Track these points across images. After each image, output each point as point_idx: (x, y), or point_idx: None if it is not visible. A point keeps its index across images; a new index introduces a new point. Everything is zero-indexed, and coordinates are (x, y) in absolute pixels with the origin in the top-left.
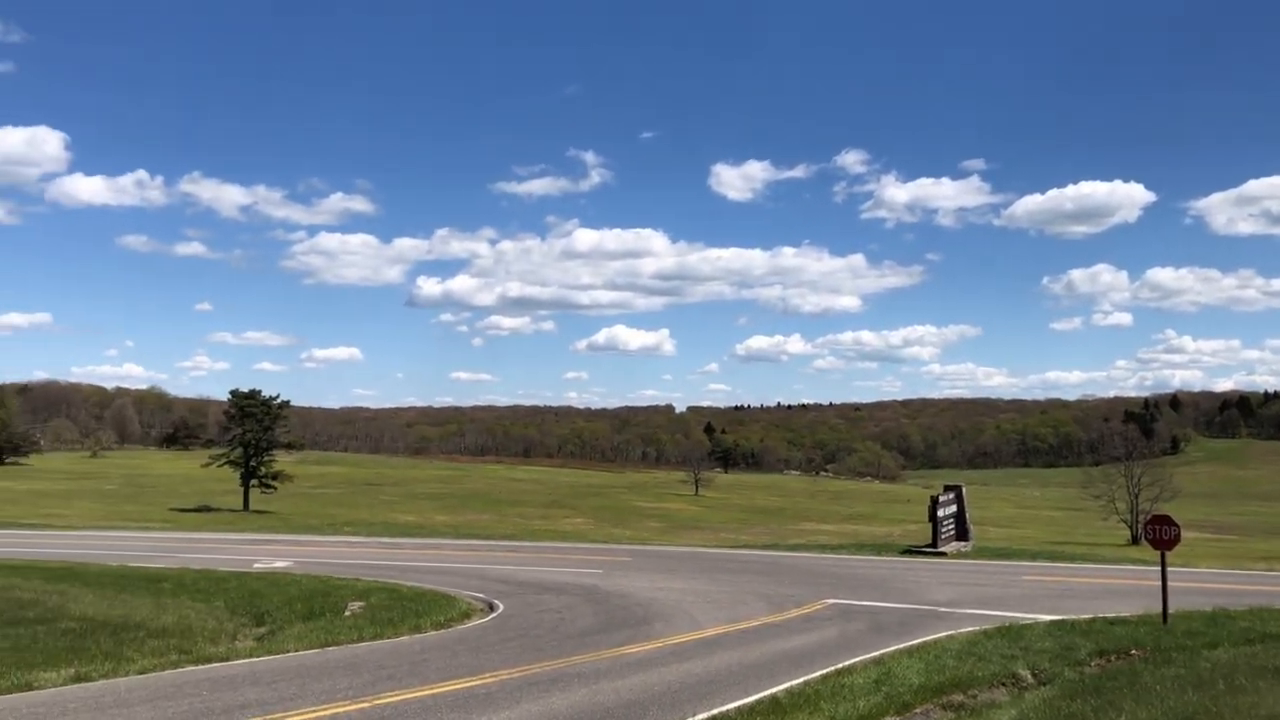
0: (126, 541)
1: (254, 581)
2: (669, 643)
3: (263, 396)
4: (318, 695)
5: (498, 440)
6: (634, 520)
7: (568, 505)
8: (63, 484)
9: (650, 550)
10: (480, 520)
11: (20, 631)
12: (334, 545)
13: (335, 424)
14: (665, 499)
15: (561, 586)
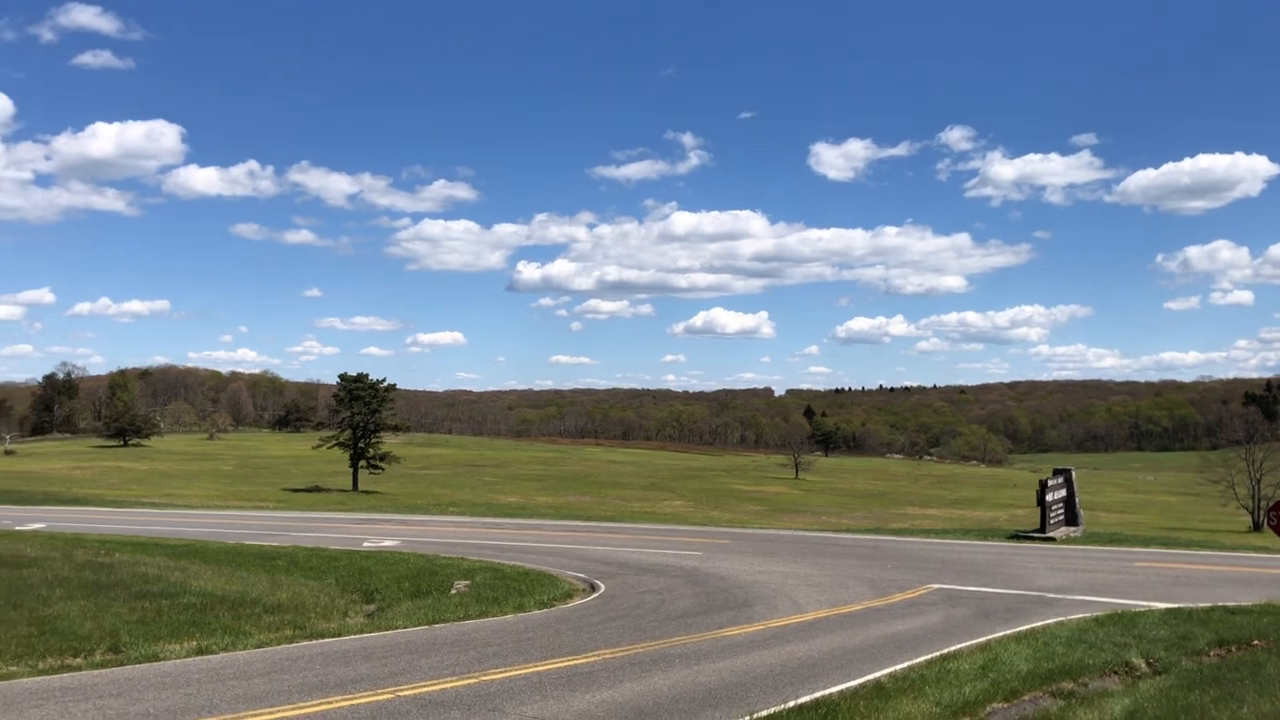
0: (242, 520)
1: (363, 560)
2: (770, 625)
3: (370, 380)
4: (426, 671)
5: (596, 423)
6: (732, 503)
7: (666, 488)
8: (182, 465)
9: (749, 533)
10: (580, 502)
11: (146, 605)
12: (439, 525)
13: (439, 406)
14: (764, 482)
15: (661, 568)
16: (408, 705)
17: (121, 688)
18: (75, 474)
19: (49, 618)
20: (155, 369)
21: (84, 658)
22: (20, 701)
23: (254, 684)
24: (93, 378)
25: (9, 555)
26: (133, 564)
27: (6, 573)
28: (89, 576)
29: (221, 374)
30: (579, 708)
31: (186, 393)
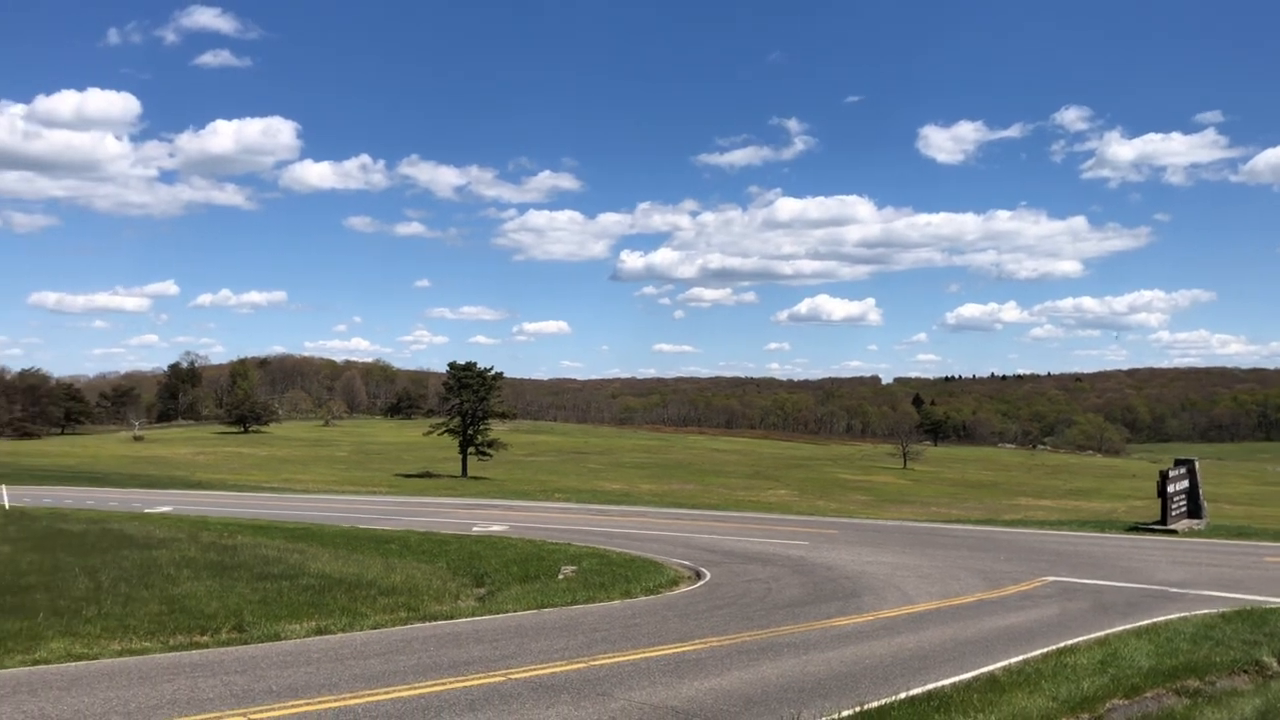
0: (356, 505)
1: (473, 544)
2: (879, 616)
3: (478, 368)
4: (536, 654)
5: (700, 411)
6: (839, 493)
7: (771, 477)
8: (299, 451)
9: (857, 523)
10: (684, 490)
11: (267, 586)
12: (545, 511)
13: (544, 395)
14: (872, 472)
15: (767, 557)
16: (519, 688)
17: (246, 665)
18: (199, 459)
19: (178, 597)
20: (273, 358)
21: (211, 635)
22: (154, 676)
23: (370, 664)
24: (214, 366)
25: (140, 537)
26: (254, 546)
27: (138, 553)
28: (214, 558)
29: (336, 363)
30: (687, 694)
31: (303, 381)
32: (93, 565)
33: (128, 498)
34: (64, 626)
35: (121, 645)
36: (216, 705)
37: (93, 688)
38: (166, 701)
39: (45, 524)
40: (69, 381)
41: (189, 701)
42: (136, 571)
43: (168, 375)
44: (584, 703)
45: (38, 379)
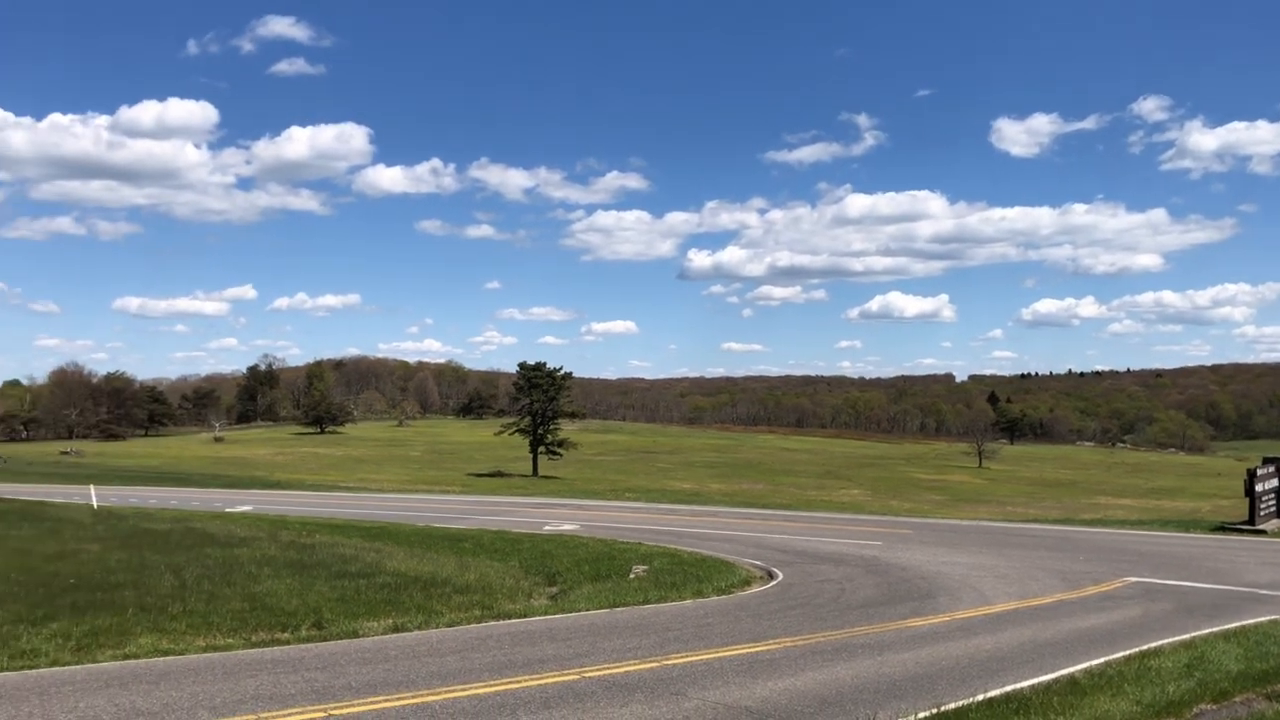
0: (430, 504)
1: (545, 543)
2: (955, 617)
3: (547, 368)
4: (609, 653)
5: (770, 410)
6: (912, 492)
7: (843, 476)
8: (373, 451)
9: (931, 523)
10: (754, 489)
11: (345, 584)
12: (616, 510)
13: (613, 394)
14: (946, 471)
15: (840, 557)
16: (593, 686)
17: (326, 661)
18: (277, 459)
19: (259, 594)
20: (348, 360)
21: (291, 632)
22: (237, 671)
23: (446, 661)
24: (291, 368)
25: (222, 535)
26: (332, 545)
27: (220, 552)
28: (293, 556)
29: (409, 364)
30: (761, 694)
31: (377, 382)
32: (177, 563)
33: (209, 497)
34: (151, 623)
35: (206, 641)
36: (298, 701)
37: (180, 682)
38: (250, 697)
39: (132, 523)
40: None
41: (271, 697)
42: (219, 569)
43: (246, 377)
44: (658, 702)
45: (123, 382)
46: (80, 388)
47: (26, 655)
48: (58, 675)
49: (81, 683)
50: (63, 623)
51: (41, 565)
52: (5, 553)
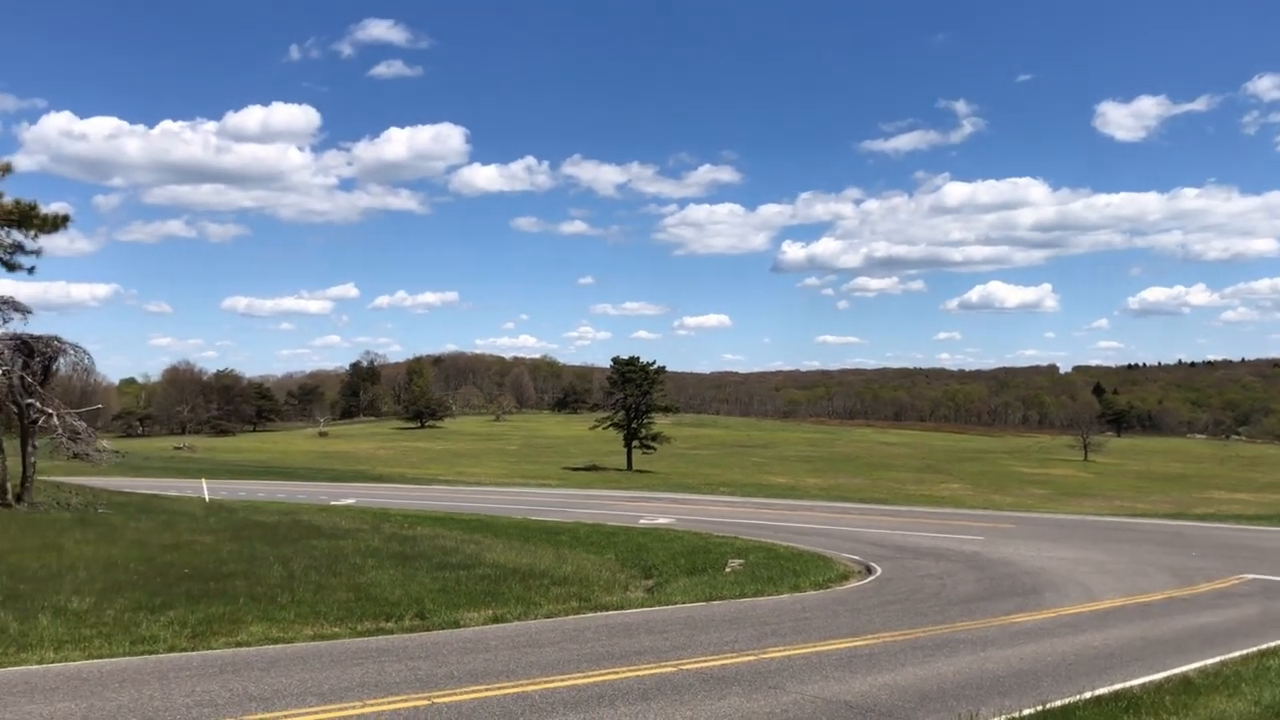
0: (527, 497)
1: (640, 536)
2: (1061, 613)
3: (641, 362)
4: (706, 646)
5: (866, 403)
6: (1015, 486)
7: (942, 470)
8: (472, 445)
9: (1034, 517)
10: (851, 484)
11: (446, 575)
12: (710, 504)
13: (707, 388)
14: (1049, 464)
15: (940, 552)
16: (690, 679)
17: (429, 651)
18: (379, 453)
19: (363, 585)
20: (446, 355)
21: (395, 622)
22: (343, 660)
23: (545, 652)
24: (392, 365)
25: (327, 528)
26: (433, 537)
27: (326, 543)
28: (396, 548)
29: (505, 359)
30: (860, 689)
31: (474, 377)
32: (285, 554)
33: (315, 491)
34: (262, 612)
35: (313, 630)
36: (402, 689)
37: (289, 669)
38: (356, 684)
39: (242, 515)
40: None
41: (376, 685)
42: (325, 560)
43: (349, 374)
44: (755, 695)
45: (231, 379)
46: (192, 385)
47: (146, 641)
48: (175, 660)
49: (197, 668)
50: (179, 611)
51: (158, 555)
52: (125, 544)
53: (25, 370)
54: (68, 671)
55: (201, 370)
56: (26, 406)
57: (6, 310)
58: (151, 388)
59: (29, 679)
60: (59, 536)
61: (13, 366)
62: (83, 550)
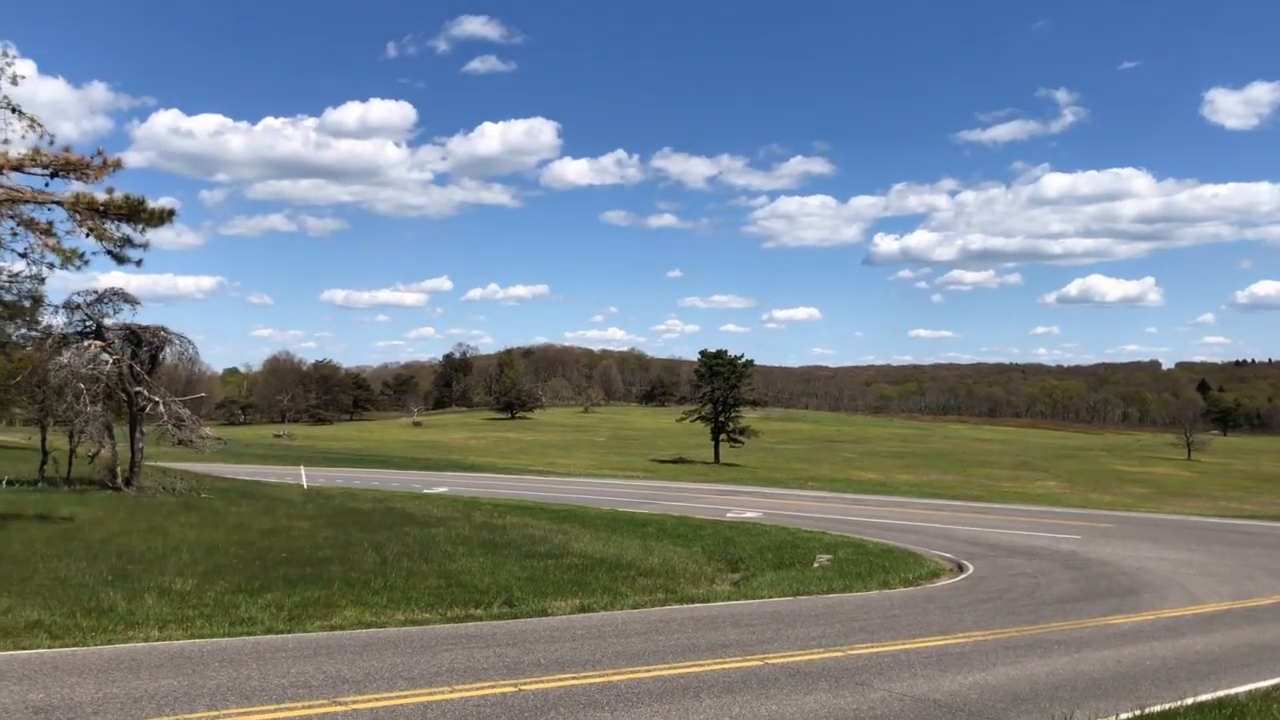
0: (614, 488)
1: (727, 530)
2: (1160, 616)
3: (729, 356)
4: (792, 641)
5: (960, 399)
6: (1114, 485)
7: (1038, 467)
8: (561, 436)
9: (1134, 517)
10: (943, 480)
11: (535, 564)
12: (798, 499)
13: (796, 382)
14: (1150, 463)
15: (1034, 551)
16: (776, 673)
17: (516, 638)
18: (470, 443)
19: (454, 572)
20: (536, 348)
21: (483, 609)
22: (434, 645)
23: (631, 642)
24: (484, 357)
25: (420, 515)
26: (522, 526)
27: (419, 530)
28: (485, 536)
29: (594, 351)
30: (950, 688)
31: (564, 369)
32: (379, 541)
33: (408, 479)
34: (355, 596)
35: (405, 615)
36: (490, 675)
37: (381, 654)
38: (445, 669)
39: (338, 502)
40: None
41: (465, 670)
42: (417, 547)
43: (442, 365)
44: (842, 691)
45: (329, 370)
46: (291, 375)
47: (245, 623)
48: (272, 642)
49: (293, 650)
50: (276, 594)
51: (257, 540)
52: (226, 528)
53: (134, 359)
54: (171, 650)
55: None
56: (135, 394)
57: (116, 301)
58: (253, 377)
59: (135, 656)
60: (165, 520)
61: (122, 355)
62: (186, 533)
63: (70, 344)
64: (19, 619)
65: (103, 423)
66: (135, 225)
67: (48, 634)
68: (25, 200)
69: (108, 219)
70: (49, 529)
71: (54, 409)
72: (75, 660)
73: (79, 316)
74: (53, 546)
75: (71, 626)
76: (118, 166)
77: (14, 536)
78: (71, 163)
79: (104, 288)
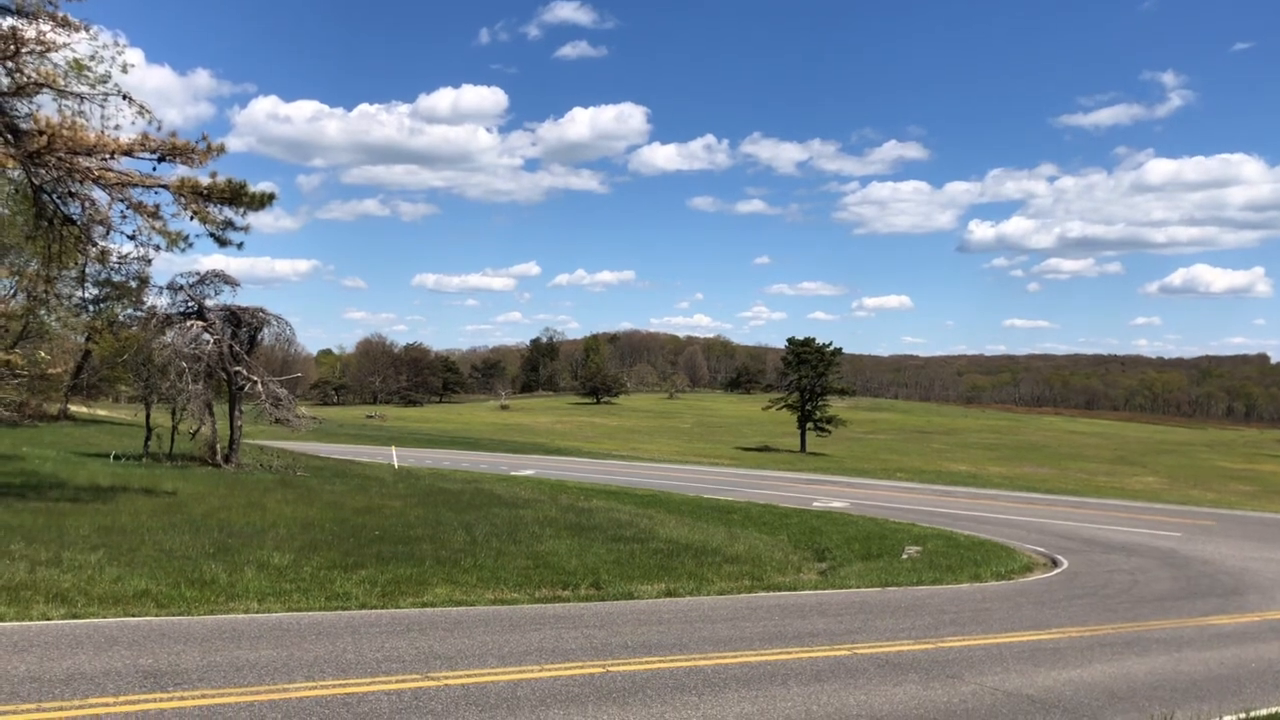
0: (699, 475)
1: (813, 519)
2: (1266, 617)
3: (817, 344)
4: (880, 632)
5: (1055, 391)
6: (1217, 482)
7: (1136, 462)
8: (645, 421)
9: (1238, 515)
10: (1037, 474)
11: (620, 548)
12: (886, 490)
13: (885, 371)
14: (1257, 460)
15: (1132, 547)
16: (864, 663)
17: (604, 620)
18: (556, 427)
19: (541, 553)
20: (622, 333)
21: (571, 591)
22: (523, 624)
23: (718, 628)
24: (570, 341)
25: (508, 497)
26: (607, 510)
27: (507, 511)
28: (572, 519)
29: (679, 338)
30: (1044, 684)
31: (649, 355)
32: (468, 521)
33: (495, 461)
34: (446, 575)
35: (494, 595)
36: (578, 656)
37: (471, 632)
38: (534, 649)
39: (428, 483)
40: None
41: (554, 650)
42: (505, 528)
43: (529, 349)
44: (933, 683)
45: (420, 352)
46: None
47: (340, 598)
48: (366, 617)
49: (386, 625)
50: (370, 570)
51: (351, 518)
52: (321, 505)
53: (234, 339)
54: (270, 622)
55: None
56: (234, 373)
57: (218, 283)
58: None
59: (237, 627)
60: (262, 496)
61: (223, 335)
62: (283, 510)
63: (174, 324)
64: (128, 588)
65: (204, 401)
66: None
67: (155, 603)
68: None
69: (211, 202)
70: (154, 502)
71: (158, 387)
72: (180, 629)
73: (182, 297)
74: (158, 519)
75: (176, 596)
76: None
77: (122, 509)
78: (177, 148)
79: (205, 270)
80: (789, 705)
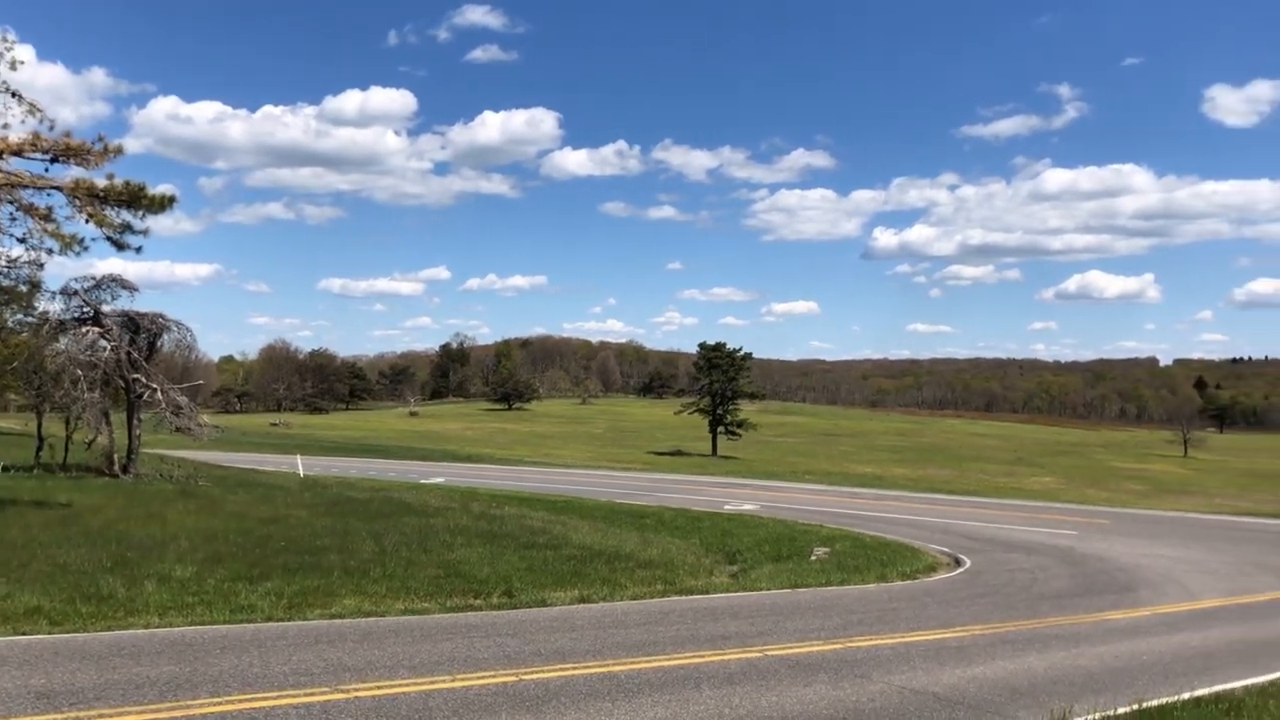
0: (612, 480)
1: (725, 522)
2: (1157, 611)
3: (728, 349)
4: (791, 633)
5: (957, 394)
6: (1111, 481)
7: (1035, 463)
8: (558, 427)
9: (1131, 514)
10: (940, 475)
11: (533, 555)
12: (795, 492)
13: (793, 375)
14: (1147, 460)
15: (1031, 546)
16: (775, 665)
17: (516, 628)
18: (467, 434)
19: (453, 562)
20: (534, 339)
21: (483, 599)
22: (434, 634)
23: (631, 633)
24: (481, 347)
25: (418, 505)
26: (519, 517)
27: (417, 520)
28: (484, 526)
29: (592, 343)
30: (949, 681)
31: (562, 360)
32: (377, 530)
33: (405, 469)
34: (355, 585)
35: (404, 605)
36: (490, 665)
37: (381, 643)
38: (446, 659)
39: (335, 491)
40: (352, 361)
41: (466, 660)
42: (415, 537)
43: (439, 355)
44: (842, 683)
45: (326, 359)
46: (287, 363)
47: (245, 610)
48: (273, 630)
49: (294, 638)
50: (276, 582)
51: (256, 528)
52: (224, 516)
53: (132, 346)
54: (172, 636)
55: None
56: (132, 381)
57: (115, 287)
58: (249, 365)
59: (136, 642)
60: (163, 507)
61: (120, 342)
62: (185, 521)
63: (68, 330)
64: (18, 605)
65: (100, 409)
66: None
67: (47, 620)
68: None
69: (108, 205)
70: (46, 515)
71: (51, 395)
72: (76, 646)
73: (76, 302)
74: (50, 533)
75: (71, 613)
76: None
77: (11, 522)
78: (71, 148)
79: (102, 274)
80: (703, 709)
